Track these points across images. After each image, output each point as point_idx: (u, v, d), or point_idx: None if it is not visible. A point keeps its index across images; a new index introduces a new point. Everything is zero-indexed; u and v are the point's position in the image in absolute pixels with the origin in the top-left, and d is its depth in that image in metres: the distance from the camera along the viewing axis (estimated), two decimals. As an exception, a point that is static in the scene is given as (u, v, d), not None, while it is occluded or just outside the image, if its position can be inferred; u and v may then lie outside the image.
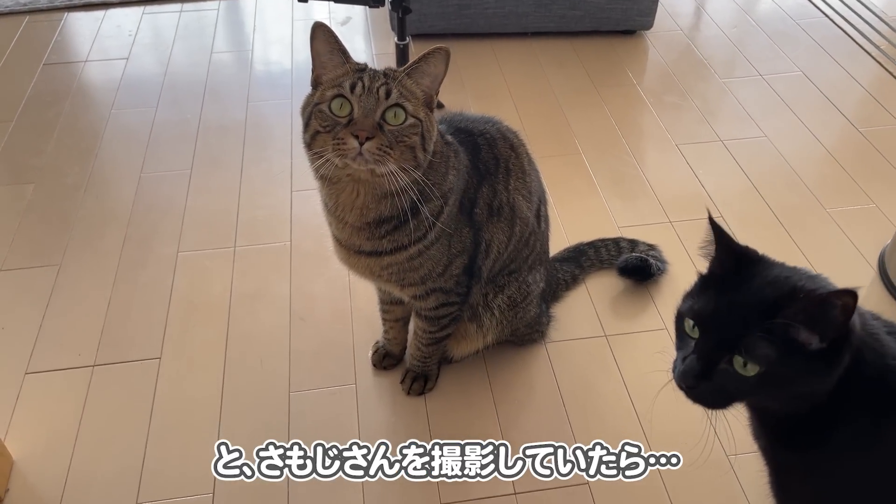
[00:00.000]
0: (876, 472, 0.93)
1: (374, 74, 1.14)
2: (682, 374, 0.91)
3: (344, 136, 1.10)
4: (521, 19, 2.59)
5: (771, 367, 0.85)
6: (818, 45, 2.61)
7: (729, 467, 1.41)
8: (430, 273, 1.30)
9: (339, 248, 1.33)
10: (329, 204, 1.25)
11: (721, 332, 0.88)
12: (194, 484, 1.40)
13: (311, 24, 1.15)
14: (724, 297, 0.89)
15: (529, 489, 1.39)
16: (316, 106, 1.13)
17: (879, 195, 1.99)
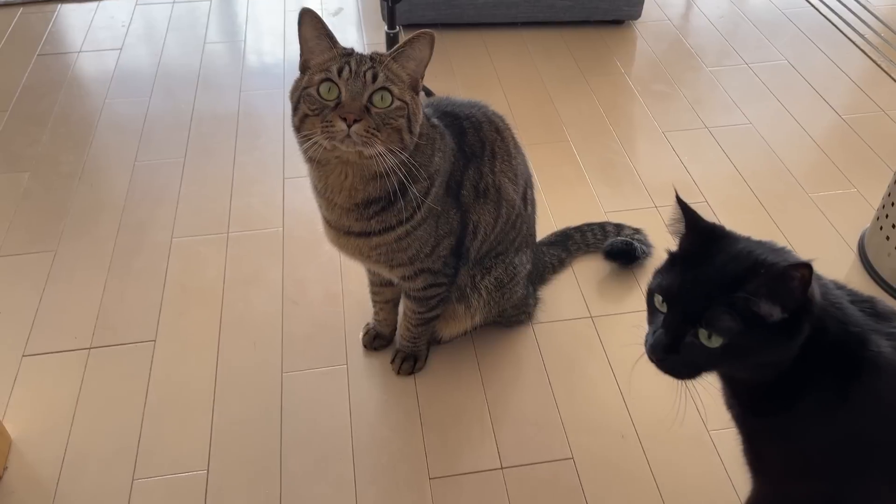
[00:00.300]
0: (839, 435, 0.97)
1: (360, 59, 1.16)
2: (651, 347, 0.95)
3: (332, 118, 1.13)
4: (511, 9, 2.62)
5: (734, 339, 0.88)
6: (804, 35, 2.64)
7: (709, 441, 1.45)
8: (418, 254, 1.34)
9: (328, 230, 1.36)
10: (318, 186, 1.28)
11: (687, 306, 0.91)
12: (189, 461, 1.44)
13: (300, 11, 1.18)
14: (690, 273, 0.93)
15: (515, 464, 1.42)
16: (304, 90, 1.16)
17: (860, 180, 2.03)
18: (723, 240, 0.96)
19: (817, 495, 1.08)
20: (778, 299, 0.87)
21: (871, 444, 0.97)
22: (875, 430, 0.96)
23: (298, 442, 1.46)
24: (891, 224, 1.70)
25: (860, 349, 0.94)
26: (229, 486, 1.40)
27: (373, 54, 1.18)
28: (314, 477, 1.41)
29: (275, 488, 1.39)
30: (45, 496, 1.39)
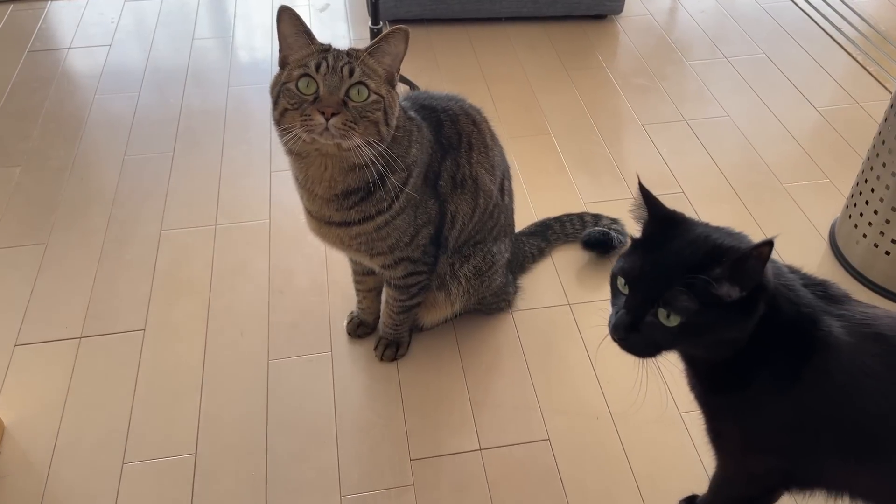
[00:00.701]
0: (792, 412, 1.02)
1: (337, 54, 1.21)
2: (614, 326, 1.00)
3: (311, 112, 1.18)
4: (495, 4, 2.66)
5: (691, 318, 0.93)
6: (782, 29, 2.69)
7: (681, 422, 1.50)
8: (398, 242, 1.38)
9: (310, 220, 1.41)
10: (299, 177, 1.33)
11: (646, 288, 0.96)
12: (178, 445, 1.48)
13: (279, 8, 1.22)
14: (651, 256, 0.98)
15: (493, 445, 1.47)
16: (284, 85, 1.21)
17: (833, 170, 2.08)
18: (682, 225, 1.01)
19: (775, 470, 1.13)
20: (738, 280, 0.92)
21: (822, 420, 1.02)
22: (825, 406, 1.01)
23: (284, 426, 1.51)
24: (859, 213, 1.75)
25: (812, 329, 0.99)
26: (217, 469, 1.45)
27: (349, 50, 1.23)
28: (299, 459, 1.46)
29: (261, 470, 1.44)
30: (38, 479, 1.43)
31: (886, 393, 0.96)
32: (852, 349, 0.98)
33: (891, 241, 1.68)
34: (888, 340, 0.98)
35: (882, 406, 0.97)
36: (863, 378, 0.97)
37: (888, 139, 1.64)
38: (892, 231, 1.67)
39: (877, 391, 0.97)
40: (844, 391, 0.99)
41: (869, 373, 0.97)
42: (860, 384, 0.98)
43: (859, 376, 0.98)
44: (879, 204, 1.68)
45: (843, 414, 1.00)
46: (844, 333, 0.98)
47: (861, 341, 0.98)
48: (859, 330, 0.99)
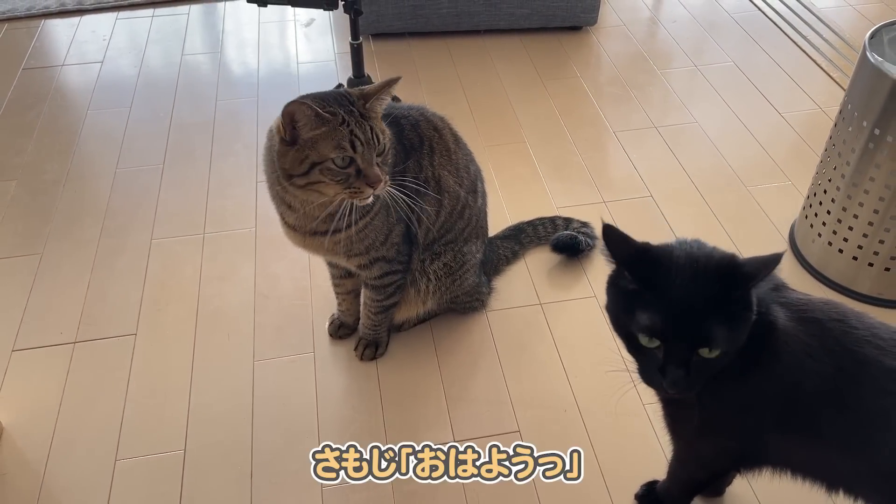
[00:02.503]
0: (742, 399, 1.10)
1: (358, 123, 1.27)
2: (673, 385, 1.00)
3: (360, 186, 1.29)
4: (473, 18, 2.76)
5: (727, 344, 0.98)
6: (749, 37, 2.79)
7: (644, 414, 1.59)
8: (374, 242, 1.47)
9: (293, 233, 1.48)
10: (293, 203, 1.39)
11: (682, 335, 0.97)
12: (168, 443, 1.56)
13: (287, 105, 1.24)
14: (665, 303, 0.97)
15: (467, 437, 1.56)
16: (318, 165, 1.27)
17: (795, 174, 2.17)
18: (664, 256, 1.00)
19: (725, 452, 1.22)
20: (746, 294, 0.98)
21: (769, 400, 1.10)
22: (772, 387, 1.08)
23: (269, 423, 1.59)
24: (814, 213, 1.84)
25: (764, 316, 1.07)
26: (205, 464, 1.53)
27: (360, 109, 1.29)
28: (283, 453, 1.54)
29: (247, 465, 1.52)
30: (35, 477, 1.51)
31: (821, 371, 1.04)
32: (794, 332, 1.06)
33: (843, 240, 1.77)
34: (823, 324, 1.06)
35: (818, 382, 1.05)
36: (804, 357, 1.05)
37: (837, 142, 1.74)
38: (843, 230, 1.76)
39: (813, 369, 1.05)
40: (789, 371, 1.06)
41: (809, 352, 1.05)
42: (801, 363, 1.05)
43: (801, 356, 1.05)
44: (832, 204, 1.78)
45: (786, 392, 1.08)
46: (787, 318, 1.06)
47: (801, 325, 1.06)
48: (799, 315, 1.07)
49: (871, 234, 1.72)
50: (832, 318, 1.07)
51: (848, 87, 1.72)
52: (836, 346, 1.05)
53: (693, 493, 1.38)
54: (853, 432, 1.05)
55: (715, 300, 0.96)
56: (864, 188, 1.68)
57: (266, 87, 2.60)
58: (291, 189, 1.34)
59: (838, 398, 1.04)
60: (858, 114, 1.65)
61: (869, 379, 1.02)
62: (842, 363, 1.03)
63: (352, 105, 1.29)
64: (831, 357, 1.04)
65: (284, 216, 1.47)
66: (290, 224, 1.47)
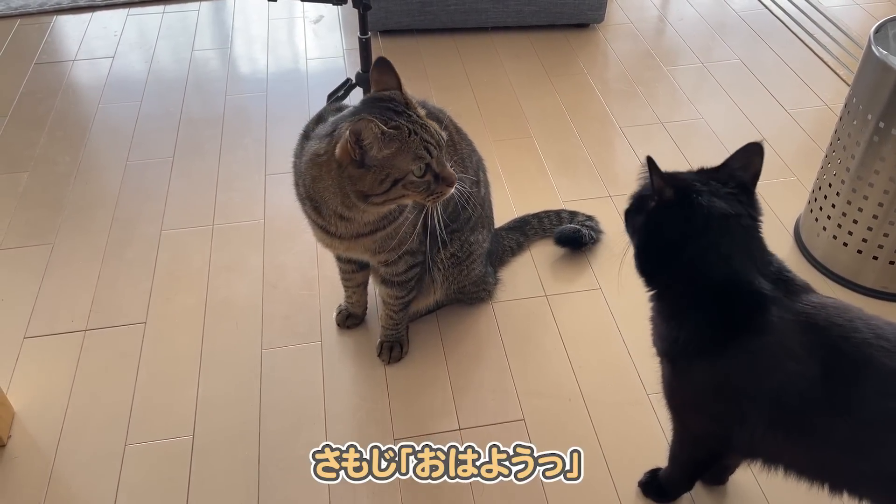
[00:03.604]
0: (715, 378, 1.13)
1: (423, 127, 1.27)
2: None
3: (441, 189, 1.31)
4: (481, 15, 2.78)
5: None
6: (757, 35, 2.80)
7: (648, 404, 1.60)
8: (405, 236, 1.47)
9: (336, 241, 1.45)
10: (353, 216, 1.37)
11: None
12: (176, 428, 1.58)
13: (354, 125, 1.20)
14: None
15: (472, 425, 1.57)
16: (400, 181, 1.27)
17: (801, 170, 2.18)
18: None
19: (712, 434, 1.23)
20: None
21: (744, 393, 1.11)
22: (747, 381, 1.11)
23: (276, 409, 1.61)
24: (819, 207, 1.85)
25: (750, 311, 1.09)
26: (212, 449, 1.55)
27: (415, 112, 1.29)
28: (290, 439, 1.56)
29: (254, 451, 1.54)
30: (45, 461, 1.53)
31: (807, 375, 1.05)
32: (782, 335, 1.07)
33: (847, 233, 1.78)
34: (820, 330, 1.07)
35: (802, 386, 1.06)
36: (784, 361, 1.07)
37: (843, 136, 1.75)
38: (848, 223, 1.77)
39: (796, 373, 1.06)
40: (767, 370, 1.08)
41: (792, 356, 1.06)
42: (782, 366, 1.07)
43: (782, 359, 1.07)
44: (836, 198, 1.78)
45: (765, 390, 1.09)
46: (780, 321, 1.07)
47: (792, 329, 1.07)
48: (799, 319, 1.07)
49: (876, 227, 1.72)
50: (834, 322, 1.07)
51: (853, 81, 1.73)
52: (829, 350, 1.05)
53: (693, 476, 1.39)
54: (856, 435, 1.05)
55: None
56: (868, 181, 1.69)
57: (275, 83, 2.62)
58: (367, 207, 1.32)
59: (834, 402, 1.04)
60: (863, 107, 1.66)
61: (872, 381, 1.02)
62: (835, 367, 1.03)
63: (408, 111, 1.28)
64: (820, 362, 1.04)
65: (330, 227, 1.43)
66: (335, 233, 1.44)
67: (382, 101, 1.30)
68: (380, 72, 1.33)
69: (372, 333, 1.77)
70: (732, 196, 1.14)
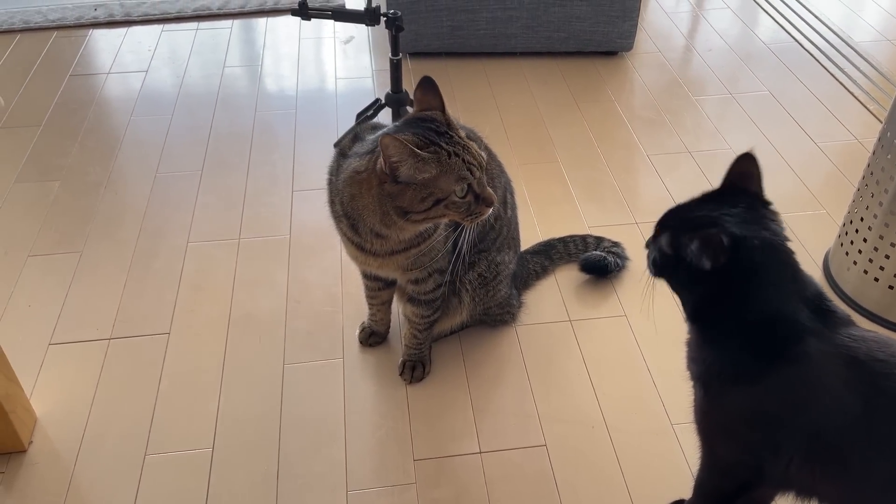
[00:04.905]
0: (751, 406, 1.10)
1: (464, 149, 1.27)
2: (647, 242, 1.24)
3: (480, 210, 1.31)
4: (511, 40, 2.80)
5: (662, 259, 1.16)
6: (786, 67, 2.80)
7: (673, 434, 1.58)
8: (436, 254, 1.47)
9: (370, 258, 1.45)
10: (390, 234, 1.37)
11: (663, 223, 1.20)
12: (196, 440, 1.58)
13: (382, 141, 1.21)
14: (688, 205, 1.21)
15: (493, 449, 1.56)
16: (442, 201, 1.27)
17: (830, 203, 2.16)
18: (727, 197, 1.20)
19: (743, 463, 1.20)
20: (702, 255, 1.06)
21: (779, 423, 1.09)
22: (783, 411, 1.08)
23: (296, 425, 1.61)
24: (850, 241, 1.83)
25: (788, 341, 1.07)
26: (232, 463, 1.54)
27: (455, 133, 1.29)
28: (309, 455, 1.55)
29: (273, 465, 1.53)
30: (66, 468, 1.53)
31: (844, 411, 1.03)
32: (820, 368, 1.05)
33: (879, 269, 1.76)
34: (860, 365, 1.04)
35: (841, 421, 1.04)
36: (823, 394, 1.05)
37: (875, 170, 1.73)
38: (879, 258, 1.75)
39: (836, 408, 1.04)
40: (805, 402, 1.06)
41: (830, 390, 1.04)
42: (820, 399, 1.05)
43: (820, 392, 1.05)
44: (868, 232, 1.76)
45: (801, 422, 1.07)
46: (819, 353, 1.05)
47: (832, 362, 1.05)
48: (838, 351, 1.05)
49: (908, 263, 1.70)
50: (875, 357, 1.04)
51: (887, 116, 1.71)
52: (869, 386, 1.02)
53: (719, 508, 1.37)
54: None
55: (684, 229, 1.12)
56: (901, 216, 1.67)
57: (303, 101, 2.65)
58: (405, 224, 1.32)
59: (875, 440, 1.02)
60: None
61: None
62: (876, 404, 1.01)
63: (449, 132, 1.28)
64: (861, 397, 1.02)
65: (365, 244, 1.43)
66: (370, 251, 1.44)
67: (424, 121, 1.30)
68: (423, 91, 1.33)
69: (394, 352, 1.77)
70: (765, 219, 1.13)
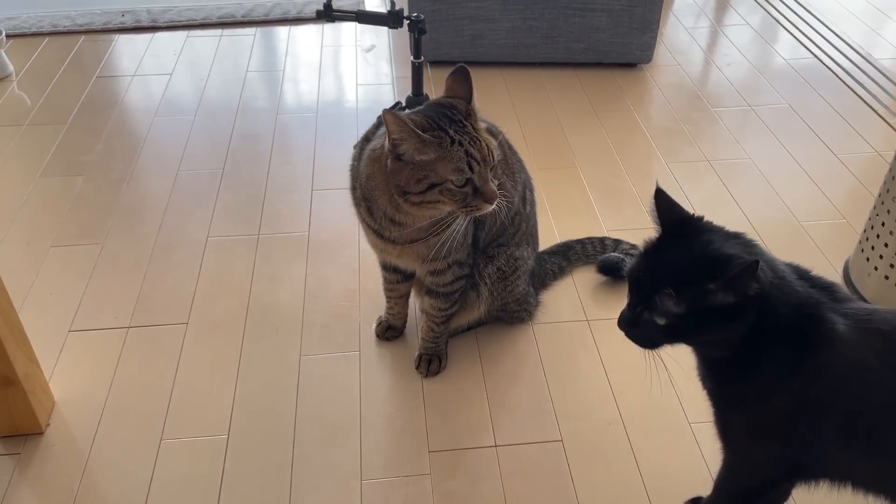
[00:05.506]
0: (794, 399, 1.08)
1: (472, 141, 1.27)
2: (619, 320, 1.12)
3: (477, 203, 1.30)
4: (530, 50, 2.82)
5: (674, 321, 1.03)
6: (805, 81, 2.80)
7: (690, 432, 1.56)
8: (457, 244, 1.47)
9: (389, 245, 1.47)
10: (404, 220, 1.39)
11: (640, 290, 1.06)
12: (212, 427, 1.58)
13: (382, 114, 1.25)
14: (650, 260, 1.07)
15: (508, 443, 1.55)
16: (437, 186, 1.28)
17: (851, 213, 2.15)
18: (691, 230, 1.07)
19: (780, 459, 1.18)
20: (731, 291, 1.00)
21: (822, 409, 1.08)
22: (825, 396, 1.07)
23: (311, 415, 1.61)
24: (871, 246, 1.82)
25: (814, 324, 1.06)
26: (247, 450, 1.54)
27: (471, 123, 1.30)
28: (324, 445, 1.55)
29: (288, 454, 1.53)
30: (82, 451, 1.54)
31: (882, 385, 1.03)
32: (853, 344, 1.04)
33: (900, 273, 1.74)
34: (886, 335, 1.04)
35: (878, 398, 1.03)
36: (862, 371, 1.04)
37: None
38: (901, 263, 1.74)
39: (874, 384, 1.03)
40: (844, 382, 1.05)
41: (867, 366, 1.03)
42: (859, 376, 1.04)
43: (858, 369, 1.04)
44: (890, 237, 1.75)
45: (843, 404, 1.06)
46: (847, 330, 1.05)
47: (862, 336, 1.04)
48: (861, 326, 1.05)
49: (930, 268, 1.69)
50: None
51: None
52: None
53: (743, 507, 1.35)
54: None
55: (685, 278, 1.01)
56: (923, 220, 1.66)
57: (324, 105, 2.68)
58: (405, 206, 1.34)
59: None
60: (920, 145, 1.64)
61: None
62: None
63: (464, 121, 1.29)
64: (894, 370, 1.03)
65: (384, 232, 1.45)
66: (389, 238, 1.46)
67: (443, 106, 1.31)
68: (454, 79, 1.34)
69: (410, 347, 1.77)
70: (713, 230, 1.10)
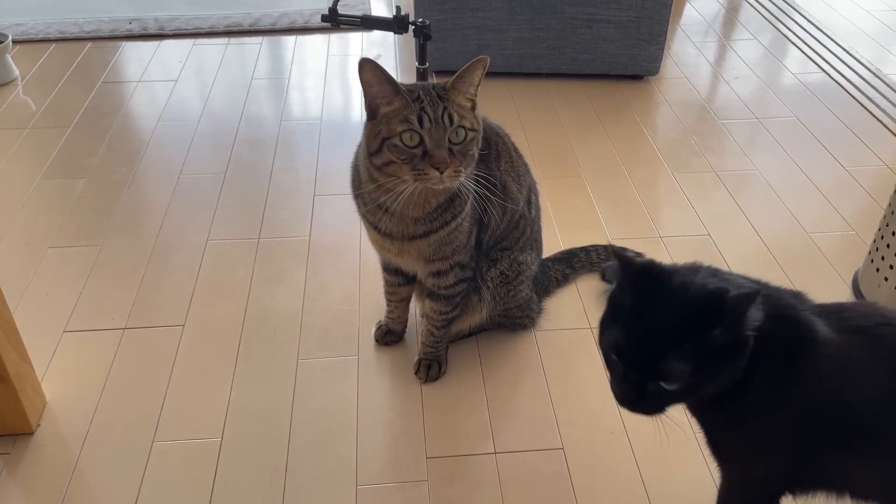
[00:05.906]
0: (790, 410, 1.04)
1: (433, 102, 1.25)
2: (621, 401, 1.03)
3: (424, 167, 1.26)
4: (536, 60, 2.81)
5: (689, 378, 0.95)
6: (814, 95, 2.78)
7: (695, 441, 1.52)
8: (459, 245, 1.45)
9: (388, 241, 1.45)
10: (390, 205, 1.35)
11: (640, 362, 0.96)
12: (205, 429, 1.55)
13: (359, 60, 1.26)
14: (635, 326, 0.96)
15: (508, 450, 1.51)
16: (387, 140, 1.26)
17: (861, 225, 2.12)
18: (658, 280, 0.98)
19: (778, 473, 1.15)
20: (731, 330, 0.94)
21: (818, 416, 1.03)
22: (819, 402, 1.02)
23: (307, 419, 1.57)
24: (881, 256, 1.79)
25: (797, 330, 1.02)
26: (240, 454, 1.50)
27: (438, 90, 1.29)
28: (319, 449, 1.51)
29: (282, 457, 1.49)
30: (71, 452, 1.50)
31: (874, 383, 0.99)
32: (837, 343, 1.01)
33: (911, 283, 1.71)
34: (867, 330, 1.01)
35: (872, 396, 0.99)
36: (852, 371, 1.00)
37: (908, 183, 1.69)
38: (912, 273, 1.70)
39: (866, 382, 1.00)
40: (836, 384, 1.02)
41: (857, 365, 1.00)
42: (850, 376, 1.01)
43: (848, 369, 1.01)
44: (900, 247, 1.72)
45: (837, 407, 1.02)
46: (828, 330, 1.01)
47: (843, 335, 1.01)
48: (840, 325, 1.02)
49: (942, 278, 1.65)
50: (877, 322, 1.02)
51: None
52: (888, 352, 0.99)
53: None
54: None
55: (684, 334, 0.93)
56: (935, 229, 1.63)
57: (329, 112, 2.67)
58: (374, 173, 1.32)
59: None
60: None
61: None
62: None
63: (432, 88, 1.29)
64: (884, 365, 0.99)
65: (380, 224, 1.43)
66: (386, 232, 1.44)
67: (436, 87, 1.31)
68: (468, 69, 1.32)
69: (409, 352, 1.74)
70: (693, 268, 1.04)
